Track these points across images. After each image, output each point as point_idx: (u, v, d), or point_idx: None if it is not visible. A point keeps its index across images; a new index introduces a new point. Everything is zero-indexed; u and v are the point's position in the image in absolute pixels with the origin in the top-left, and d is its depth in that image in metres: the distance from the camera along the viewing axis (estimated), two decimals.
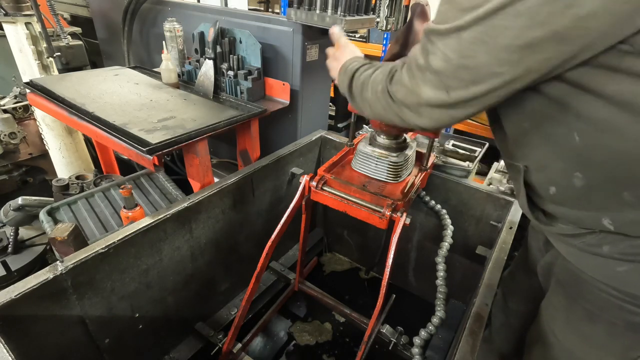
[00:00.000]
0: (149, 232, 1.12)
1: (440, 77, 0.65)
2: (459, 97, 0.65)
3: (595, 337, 0.83)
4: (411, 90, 0.71)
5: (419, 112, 0.72)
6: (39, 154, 2.36)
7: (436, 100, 0.67)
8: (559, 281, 0.90)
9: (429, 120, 0.72)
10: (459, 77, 0.63)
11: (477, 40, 0.58)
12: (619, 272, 0.72)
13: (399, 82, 0.74)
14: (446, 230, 1.45)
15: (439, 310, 1.20)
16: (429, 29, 0.67)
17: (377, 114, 0.85)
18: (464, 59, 0.61)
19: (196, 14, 2.14)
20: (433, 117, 0.71)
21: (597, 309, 0.80)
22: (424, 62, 0.67)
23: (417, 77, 0.69)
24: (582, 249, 0.77)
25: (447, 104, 0.67)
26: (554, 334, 0.92)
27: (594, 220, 0.72)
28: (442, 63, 0.64)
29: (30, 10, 2.00)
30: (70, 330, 1.01)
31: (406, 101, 0.73)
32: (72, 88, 1.75)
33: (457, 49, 0.61)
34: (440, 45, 0.63)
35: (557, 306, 0.92)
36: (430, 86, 0.67)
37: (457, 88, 0.64)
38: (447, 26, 0.62)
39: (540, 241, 1.06)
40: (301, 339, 1.75)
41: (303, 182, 1.23)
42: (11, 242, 1.66)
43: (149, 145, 1.33)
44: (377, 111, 0.84)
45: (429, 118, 0.72)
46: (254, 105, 1.82)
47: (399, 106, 0.75)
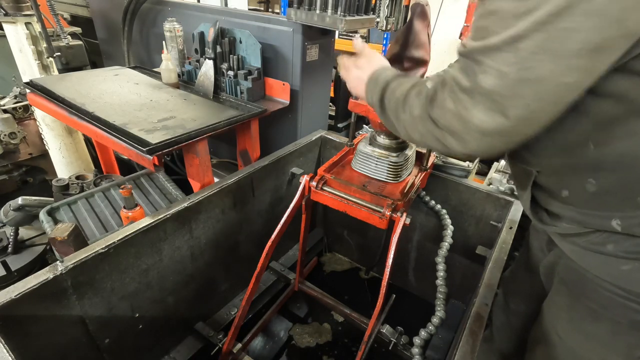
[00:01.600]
0: (149, 232, 1.12)
1: (494, 97, 0.57)
2: (518, 117, 0.56)
3: (598, 335, 0.83)
4: (458, 115, 0.62)
5: (466, 140, 0.63)
6: (39, 154, 2.36)
7: (490, 124, 0.59)
8: (562, 280, 0.90)
9: (477, 148, 0.63)
10: (519, 94, 0.55)
11: (540, 49, 0.51)
12: (624, 271, 0.72)
13: (442, 106, 0.66)
14: (446, 230, 1.45)
15: (439, 310, 1.20)
16: (470, 49, 0.60)
17: (412, 138, 0.77)
18: (525, 72, 0.53)
19: (196, 14, 2.14)
20: (482, 144, 0.62)
21: (600, 307, 0.79)
22: (471, 84, 0.59)
23: (463, 101, 0.61)
24: (586, 248, 0.77)
25: (503, 128, 0.58)
26: (557, 333, 0.92)
27: (602, 221, 0.72)
28: (496, 81, 0.56)
29: (30, 10, 2.00)
30: (70, 330, 1.01)
31: (452, 127, 0.64)
32: (72, 88, 1.75)
33: (514, 62, 0.53)
34: (491, 62, 0.56)
35: (561, 305, 0.91)
36: (483, 109, 0.59)
37: (515, 107, 0.56)
38: (497, 39, 0.54)
39: (542, 241, 1.06)
40: (301, 341, 1.75)
41: (303, 182, 1.23)
42: (11, 242, 1.66)
43: (149, 145, 1.33)
44: (414, 135, 0.75)
45: (478, 145, 0.63)
46: (254, 105, 1.82)
47: (443, 133, 0.67)
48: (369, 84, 0.89)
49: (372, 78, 0.88)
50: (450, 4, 4.41)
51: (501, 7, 0.54)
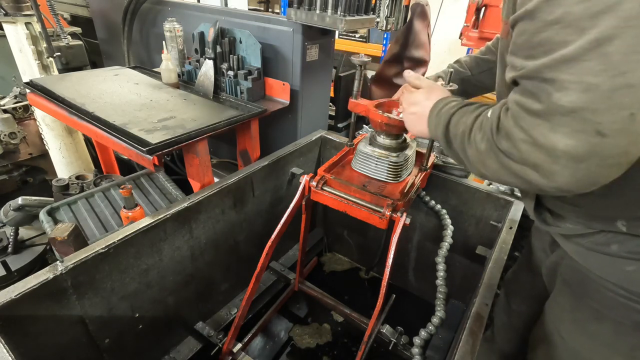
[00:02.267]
0: (149, 232, 1.12)
1: (583, 115, 0.48)
2: (621, 132, 0.47)
3: (601, 336, 0.82)
4: (535, 144, 0.53)
5: (554, 171, 0.53)
6: (39, 154, 2.36)
7: (583, 147, 0.49)
8: (565, 281, 0.90)
9: (571, 179, 0.53)
10: (618, 105, 0.46)
11: (638, 47, 0.44)
12: (628, 272, 0.71)
13: (510, 137, 0.57)
14: (446, 230, 1.45)
15: (439, 310, 1.20)
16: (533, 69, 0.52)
17: (486, 175, 0.68)
18: (622, 77, 0.45)
19: (196, 14, 2.14)
20: (578, 175, 0.52)
21: (604, 308, 0.79)
22: (546, 106, 0.51)
23: (537, 127, 0.52)
24: (590, 248, 0.76)
25: (601, 149, 0.49)
26: (560, 333, 0.92)
27: (607, 222, 0.71)
28: (583, 96, 0.47)
29: (30, 10, 2.00)
30: (70, 330, 1.01)
31: (531, 159, 0.55)
32: (72, 88, 1.75)
33: (604, 69, 0.45)
34: (569, 76, 0.48)
35: (564, 306, 0.91)
36: (568, 132, 0.49)
37: (615, 121, 0.46)
38: (571, 49, 0.47)
39: (545, 242, 1.06)
40: (302, 342, 1.74)
41: (303, 182, 1.23)
42: (11, 242, 1.66)
43: (149, 145, 1.33)
44: (486, 172, 0.66)
45: (571, 175, 0.52)
46: (254, 105, 1.82)
47: (522, 166, 0.57)
48: (430, 118, 0.81)
49: (434, 112, 0.80)
50: (450, 4, 4.41)
51: (567, 13, 0.47)
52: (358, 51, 1.41)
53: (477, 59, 1.20)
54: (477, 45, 3.55)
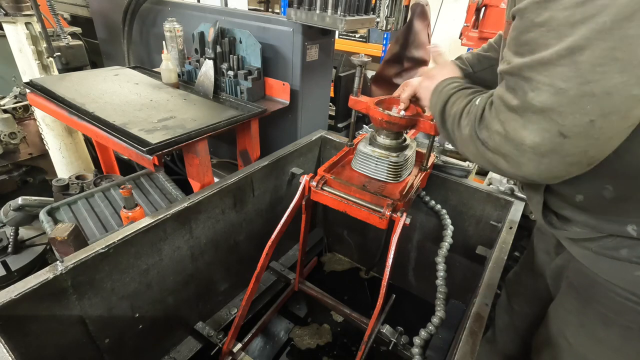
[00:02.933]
0: (149, 232, 1.12)
1: (550, 116, 0.51)
2: (580, 136, 0.50)
3: (609, 341, 0.81)
4: (506, 137, 0.58)
5: (520, 162, 0.58)
6: (39, 154, 2.36)
7: (546, 145, 0.54)
8: (572, 284, 0.89)
9: (535, 171, 0.58)
10: (581, 110, 0.49)
11: (605, 60, 0.46)
12: (637, 276, 0.70)
13: (489, 127, 0.62)
14: (446, 230, 1.45)
15: (439, 310, 1.20)
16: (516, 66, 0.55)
17: (467, 157, 0.74)
18: (587, 86, 0.47)
19: (196, 14, 2.14)
20: (541, 167, 0.57)
21: (612, 313, 0.78)
22: (520, 103, 0.55)
23: (512, 121, 0.57)
24: (599, 253, 0.75)
25: (561, 148, 0.53)
26: (566, 337, 0.90)
27: (617, 227, 0.70)
28: (552, 98, 0.50)
29: (30, 10, 2.00)
30: (70, 330, 1.01)
31: (502, 150, 0.60)
32: (72, 88, 1.75)
33: (573, 76, 0.48)
34: (544, 78, 0.51)
35: (570, 309, 0.90)
36: (536, 129, 0.54)
37: (577, 125, 0.50)
38: (550, 52, 0.49)
39: (549, 244, 1.05)
40: (302, 343, 1.74)
41: (303, 182, 1.23)
42: (11, 242, 1.66)
43: (149, 145, 1.33)
44: (467, 154, 0.72)
45: (535, 169, 0.58)
46: (254, 105, 1.82)
47: (495, 156, 0.63)
48: (433, 94, 0.85)
49: (437, 89, 0.84)
50: (450, 4, 4.41)
51: (552, 17, 0.49)
52: (358, 51, 1.41)
53: (479, 55, 1.20)
54: (477, 45, 3.55)
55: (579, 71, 0.48)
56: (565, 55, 0.48)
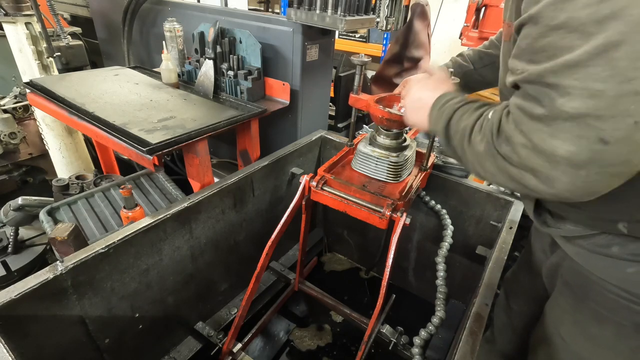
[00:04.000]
0: (149, 232, 1.12)
1: (587, 121, 0.47)
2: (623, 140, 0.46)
3: (602, 338, 0.82)
4: (534, 149, 0.53)
5: (553, 177, 0.53)
6: (39, 154, 2.36)
7: (584, 154, 0.48)
8: (566, 282, 0.89)
9: (570, 186, 0.52)
10: (624, 112, 0.45)
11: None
12: (629, 273, 0.71)
13: (510, 140, 0.56)
14: (446, 230, 1.45)
15: (439, 310, 1.20)
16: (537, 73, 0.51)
17: (484, 177, 0.69)
18: (627, 84, 0.44)
19: (196, 14, 2.14)
20: (577, 182, 0.51)
21: (605, 310, 0.79)
22: (548, 111, 0.50)
23: (537, 131, 0.52)
24: (591, 250, 0.76)
25: (602, 157, 0.48)
26: (560, 335, 0.91)
27: (608, 225, 0.71)
28: (588, 102, 0.46)
29: (30, 10, 2.00)
30: (70, 330, 1.01)
31: (530, 164, 0.54)
32: (72, 88, 1.75)
33: (610, 75, 0.44)
34: (574, 82, 0.47)
35: (564, 307, 0.91)
36: (569, 137, 0.49)
37: (619, 129, 0.45)
38: (577, 54, 0.46)
39: (544, 242, 1.06)
40: (302, 345, 1.74)
41: (303, 182, 1.23)
42: (11, 242, 1.66)
43: (149, 145, 1.33)
44: (483, 173, 0.67)
45: (570, 184, 0.52)
46: (254, 105, 1.82)
47: (519, 171, 0.57)
48: (432, 110, 0.78)
49: (436, 105, 0.77)
50: (450, 4, 4.41)
51: (572, 18, 0.46)
52: (358, 51, 1.41)
53: (480, 52, 1.19)
54: (477, 45, 3.55)
55: (616, 69, 0.44)
56: (597, 54, 0.45)
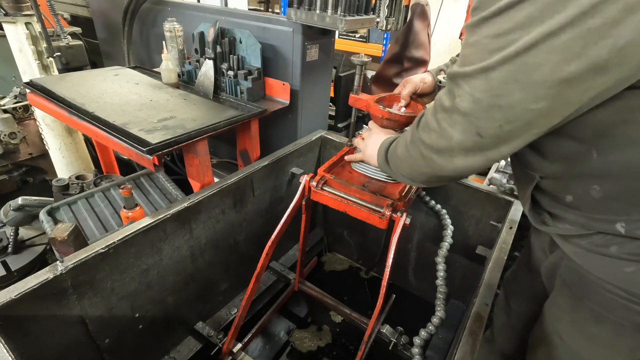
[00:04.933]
0: (149, 232, 1.12)
1: (469, 119, 0.63)
2: (493, 136, 0.62)
3: (601, 337, 0.82)
4: (440, 134, 0.68)
5: (450, 158, 0.69)
6: (39, 154, 2.36)
7: (469, 142, 0.65)
8: (565, 282, 0.90)
9: (462, 164, 0.69)
10: (491, 117, 0.60)
11: (509, 79, 0.56)
12: (627, 273, 0.71)
13: (426, 126, 0.72)
14: (446, 230, 1.45)
15: (439, 310, 1.20)
16: (453, 72, 0.65)
17: (407, 171, 0.85)
18: (495, 99, 0.58)
19: (196, 14, 2.14)
20: (467, 162, 0.68)
21: (603, 309, 0.79)
22: (450, 104, 0.65)
23: (444, 120, 0.67)
24: (589, 250, 0.77)
25: (480, 146, 0.64)
26: (559, 334, 0.91)
27: (606, 225, 0.72)
28: (470, 105, 0.61)
29: (30, 10, 2.00)
30: (70, 330, 1.01)
31: (436, 145, 0.70)
32: (72, 88, 1.75)
33: (485, 89, 0.59)
34: (467, 87, 0.61)
35: (563, 307, 0.91)
36: (460, 129, 0.65)
37: (489, 128, 0.61)
38: (472, 68, 0.60)
39: (544, 242, 1.06)
40: (302, 346, 1.74)
41: (303, 182, 1.23)
42: (11, 242, 1.67)
43: (149, 145, 1.33)
44: (407, 165, 0.83)
45: (463, 162, 0.69)
46: (254, 105, 1.82)
47: (430, 152, 0.73)
48: (381, 146, 0.98)
49: (385, 142, 0.98)
50: (450, 4, 4.41)
51: (479, 42, 0.59)
52: (358, 51, 1.41)
53: None
54: None
55: (490, 86, 0.58)
56: (481, 72, 0.58)
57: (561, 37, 0.50)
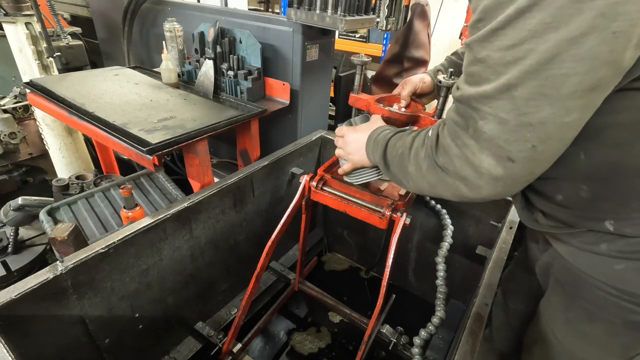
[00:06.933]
0: (149, 232, 1.12)
1: (498, 143, 0.57)
2: (525, 159, 0.57)
3: (594, 336, 0.83)
4: (466, 160, 0.62)
5: (479, 186, 0.63)
6: (39, 154, 2.36)
7: (501, 170, 0.59)
8: (558, 280, 0.90)
9: (491, 192, 0.63)
10: (523, 138, 0.55)
11: (536, 95, 0.52)
12: (617, 270, 0.72)
13: (447, 152, 0.66)
14: (446, 230, 1.45)
15: (439, 310, 1.20)
16: (465, 96, 0.60)
17: (421, 189, 0.77)
18: (525, 117, 0.53)
19: (196, 14, 2.14)
20: (497, 189, 0.62)
21: (596, 307, 0.80)
22: (473, 130, 0.60)
23: (469, 146, 0.61)
24: (581, 248, 0.77)
25: (512, 172, 0.59)
26: (554, 333, 0.92)
27: (595, 223, 0.72)
28: (497, 126, 0.56)
29: (30, 10, 2.00)
30: (70, 330, 1.01)
31: (462, 173, 0.64)
32: (72, 88, 1.75)
33: (512, 109, 0.54)
34: (489, 110, 0.56)
35: (556, 305, 0.92)
36: (489, 154, 0.59)
37: (521, 150, 0.56)
38: (491, 87, 0.55)
39: (539, 240, 1.06)
40: (303, 348, 1.74)
41: (303, 182, 1.23)
42: (11, 242, 1.66)
43: (149, 145, 1.33)
44: (422, 185, 0.75)
45: (492, 190, 0.62)
46: (254, 105, 1.82)
47: (454, 180, 0.66)
48: (368, 144, 0.90)
49: (371, 139, 0.89)
50: (450, 4, 4.41)
51: (489, 56, 0.55)
52: (358, 51, 1.41)
53: None
54: None
55: (515, 105, 0.53)
56: (503, 91, 0.54)
57: (585, 45, 0.47)
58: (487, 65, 0.56)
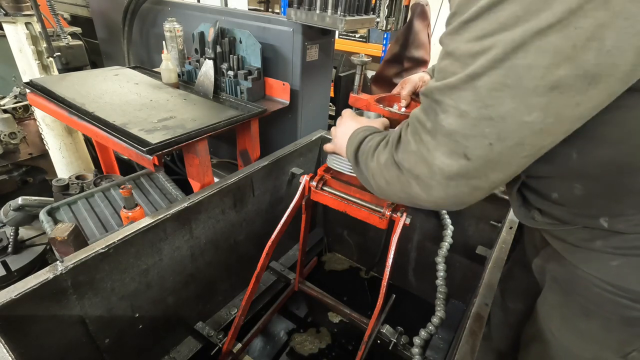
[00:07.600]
0: (149, 232, 1.12)
1: (456, 138, 0.55)
2: (481, 158, 0.54)
3: (591, 332, 0.83)
4: (421, 157, 0.60)
5: (430, 185, 0.60)
6: (39, 154, 2.36)
7: (453, 167, 0.56)
8: (554, 277, 0.91)
9: (443, 195, 0.60)
10: (481, 133, 0.53)
11: (498, 85, 0.50)
12: (612, 267, 0.73)
13: (405, 148, 0.64)
14: (446, 230, 1.45)
15: (439, 310, 1.20)
16: (430, 89, 0.58)
17: (379, 188, 0.74)
18: (485, 110, 0.51)
19: (196, 14, 2.14)
20: (449, 191, 0.59)
21: (592, 304, 0.80)
22: (432, 125, 0.58)
23: (426, 142, 0.59)
24: (576, 245, 0.78)
25: (466, 171, 0.56)
26: (551, 330, 0.92)
27: (590, 220, 0.73)
28: (457, 120, 0.54)
29: (30, 10, 2.00)
30: (70, 330, 1.01)
31: (415, 171, 0.62)
32: (72, 88, 1.75)
33: (473, 100, 0.52)
34: (450, 101, 0.54)
35: (553, 303, 0.92)
36: (445, 151, 0.56)
37: (477, 147, 0.53)
38: (455, 78, 0.54)
39: (536, 238, 1.07)
40: (303, 349, 1.74)
41: (303, 182, 1.23)
42: (11, 242, 1.66)
43: (149, 145, 1.33)
44: (380, 182, 0.72)
45: (444, 192, 0.60)
46: (254, 105, 1.82)
47: (407, 179, 0.64)
48: (349, 139, 0.89)
49: (356, 132, 0.88)
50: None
51: (457, 48, 0.54)
52: (358, 51, 1.41)
53: None
54: None
55: (478, 95, 0.52)
56: (467, 81, 0.52)
57: (550, 37, 0.47)
58: (455, 58, 0.55)
